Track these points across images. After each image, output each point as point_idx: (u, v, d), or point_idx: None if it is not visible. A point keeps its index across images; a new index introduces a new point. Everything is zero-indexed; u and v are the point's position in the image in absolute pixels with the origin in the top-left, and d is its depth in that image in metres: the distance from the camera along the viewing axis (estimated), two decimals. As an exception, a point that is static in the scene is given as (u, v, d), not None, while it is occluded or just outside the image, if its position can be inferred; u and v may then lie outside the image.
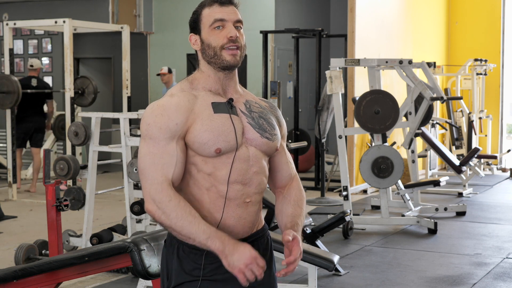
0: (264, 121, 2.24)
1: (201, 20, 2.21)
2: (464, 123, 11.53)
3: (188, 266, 2.16)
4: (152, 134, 2.12)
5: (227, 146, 2.13)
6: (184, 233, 2.07)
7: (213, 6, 2.20)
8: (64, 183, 8.50)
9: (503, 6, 12.60)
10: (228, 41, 2.18)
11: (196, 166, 2.15)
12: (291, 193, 2.33)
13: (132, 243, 3.26)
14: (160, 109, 2.14)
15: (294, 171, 2.37)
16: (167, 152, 2.11)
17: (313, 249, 4.84)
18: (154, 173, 2.10)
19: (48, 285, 3.68)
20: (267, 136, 2.22)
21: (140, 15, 11.76)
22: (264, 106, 2.30)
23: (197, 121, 2.13)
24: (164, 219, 2.08)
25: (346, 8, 9.65)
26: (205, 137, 2.12)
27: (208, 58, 2.20)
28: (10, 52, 8.90)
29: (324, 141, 9.18)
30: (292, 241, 2.14)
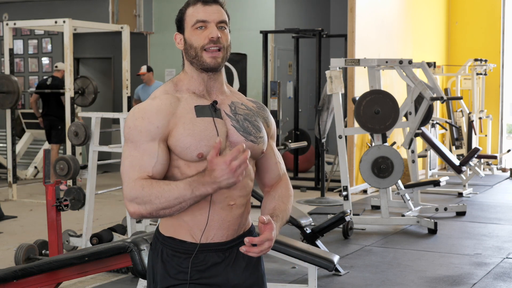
0: (249, 123, 2.19)
1: (185, 19, 2.17)
2: (464, 123, 11.53)
3: (172, 269, 2.15)
4: (133, 138, 2.09)
5: (209, 151, 2.08)
6: (173, 203, 2.02)
7: (196, 5, 2.16)
8: (64, 183, 8.50)
9: (503, 6, 12.60)
10: (209, 41, 2.13)
11: (179, 169, 2.12)
12: (277, 190, 2.29)
13: (132, 243, 3.26)
14: (140, 113, 2.11)
15: (283, 171, 2.33)
16: (147, 154, 2.08)
17: (313, 249, 4.84)
18: (130, 174, 2.07)
19: (48, 285, 3.68)
20: (251, 139, 2.18)
21: (140, 15, 11.76)
22: (251, 107, 2.25)
23: (179, 125, 2.10)
24: (150, 207, 2.03)
25: (346, 8, 9.65)
26: (187, 142, 2.08)
27: (190, 58, 2.17)
28: (10, 52, 8.90)
29: (324, 141, 9.18)
30: (265, 225, 2.07)
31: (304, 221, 5.85)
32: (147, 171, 2.07)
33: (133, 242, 3.27)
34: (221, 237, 2.15)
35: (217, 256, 2.15)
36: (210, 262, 2.15)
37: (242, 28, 10.95)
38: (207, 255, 2.15)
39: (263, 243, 2.04)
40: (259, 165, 2.29)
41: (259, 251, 2.04)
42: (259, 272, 2.25)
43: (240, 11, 11.20)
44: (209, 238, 2.14)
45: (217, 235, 2.14)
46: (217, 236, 2.15)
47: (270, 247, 2.07)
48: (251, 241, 2.03)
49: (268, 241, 2.05)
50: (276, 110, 8.62)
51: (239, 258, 2.19)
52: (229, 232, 2.16)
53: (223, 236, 2.15)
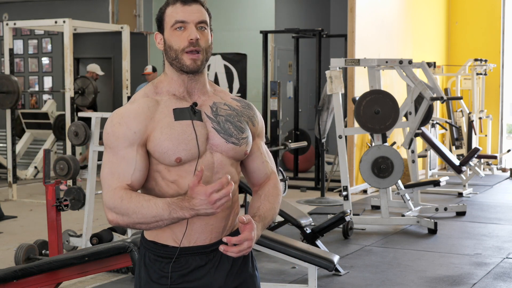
0: (231, 124, 2.15)
1: (164, 19, 2.13)
2: (464, 123, 11.53)
3: (154, 274, 2.13)
4: (111, 144, 2.08)
5: (188, 155, 2.07)
6: (150, 220, 2.01)
7: (176, 5, 2.11)
8: (64, 183, 8.50)
9: (503, 6, 12.60)
10: (188, 44, 2.08)
11: (160, 173, 2.10)
12: (264, 189, 2.26)
13: (132, 243, 3.26)
14: (118, 118, 2.09)
15: (271, 169, 2.29)
16: (125, 161, 2.06)
17: (313, 249, 4.84)
18: (110, 181, 2.06)
19: (48, 285, 3.68)
20: (233, 141, 2.14)
21: (140, 15, 11.75)
22: (235, 107, 2.21)
23: (157, 129, 2.07)
24: (127, 220, 2.03)
25: (346, 8, 9.65)
26: (164, 146, 2.06)
27: (170, 59, 2.13)
28: (10, 52, 8.90)
29: (324, 141, 9.18)
30: (245, 225, 2.04)
31: (304, 221, 5.85)
32: (126, 179, 2.06)
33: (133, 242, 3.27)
34: (204, 240, 2.13)
35: (200, 259, 2.13)
36: (193, 265, 2.13)
37: (242, 28, 10.95)
38: (189, 259, 2.12)
39: (242, 242, 2.02)
40: (246, 165, 2.27)
41: (237, 251, 2.02)
42: (246, 273, 2.22)
43: (240, 11, 11.20)
44: (192, 242, 2.12)
45: (200, 238, 2.12)
46: (200, 239, 2.12)
47: (250, 247, 2.05)
48: (229, 240, 2.01)
49: (247, 241, 2.03)
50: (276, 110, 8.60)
51: (224, 261, 2.16)
52: (212, 235, 2.13)
53: (206, 239, 2.13)
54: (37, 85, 12.19)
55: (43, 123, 10.56)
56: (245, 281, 2.21)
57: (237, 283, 2.18)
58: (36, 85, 12.21)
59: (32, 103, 12.21)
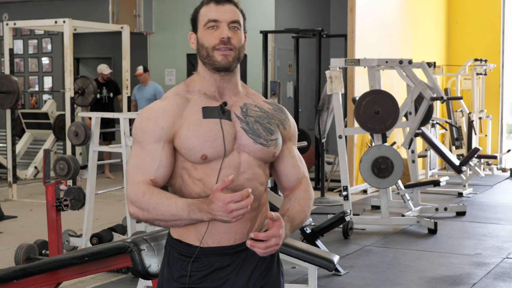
0: (260, 126, 2.15)
1: (198, 19, 2.15)
2: (464, 123, 11.53)
3: (176, 273, 2.14)
4: (139, 138, 2.10)
5: (214, 153, 2.08)
6: (168, 218, 2.02)
7: (209, 5, 2.13)
8: (64, 183, 8.50)
9: (503, 6, 12.60)
10: (219, 42, 2.10)
11: (187, 171, 2.11)
12: (295, 192, 2.25)
13: (132, 243, 3.26)
14: (147, 113, 2.11)
15: (303, 174, 2.27)
16: (150, 156, 2.08)
17: (313, 249, 4.84)
18: (134, 175, 2.08)
19: (48, 285, 3.68)
20: (261, 142, 2.14)
21: (140, 15, 11.75)
22: (266, 109, 2.21)
23: (184, 126, 2.09)
24: (147, 215, 2.04)
25: (346, 8, 9.65)
26: (191, 143, 2.07)
27: (202, 58, 2.15)
28: (10, 52, 8.90)
29: (324, 141, 9.18)
30: (274, 221, 2.02)
31: (304, 220, 5.84)
32: (150, 174, 2.08)
33: (133, 242, 3.26)
34: (228, 241, 2.12)
35: (223, 260, 2.12)
36: (215, 266, 2.12)
37: (242, 28, 10.92)
38: (212, 259, 2.12)
39: (270, 239, 2.00)
40: (277, 169, 2.26)
41: (264, 247, 2.00)
42: (270, 276, 2.20)
43: (240, 11, 11.17)
44: (216, 242, 2.11)
45: (224, 239, 2.12)
46: (224, 240, 2.12)
47: (277, 244, 2.02)
48: (256, 236, 2.00)
49: (275, 238, 2.01)
50: (276, 110, 8.61)
51: (247, 262, 2.15)
52: (236, 236, 2.13)
53: (230, 240, 2.12)
54: (37, 85, 12.19)
55: (43, 123, 10.57)
56: (268, 283, 2.19)
57: (258, 286, 2.17)
58: (36, 85, 12.21)
59: (32, 103, 12.21)
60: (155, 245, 3.27)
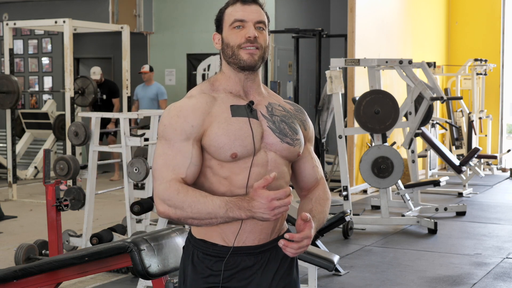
0: (286, 125, 2.17)
1: (223, 19, 2.15)
2: (464, 123, 11.53)
3: (203, 272, 2.13)
4: (167, 135, 2.09)
5: (244, 151, 2.08)
6: (204, 216, 2.01)
7: (235, 5, 2.14)
8: (64, 183, 8.50)
9: (503, 6, 12.60)
10: (245, 40, 2.11)
11: (212, 169, 2.10)
12: (314, 192, 2.27)
13: (132, 243, 3.25)
14: (176, 111, 2.10)
15: (321, 175, 2.31)
16: (181, 154, 2.07)
17: (313, 249, 4.83)
18: (164, 173, 2.06)
19: (48, 285, 3.68)
20: (287, 141, 2.15)
21: (140, 15, 11.75)
22: (288, 109, 2.23)
23: (214, 124, 2.08)
24: (180, 213, 2.03)
25: (346, 8, 9.65)
26: (221, 141, 2.07)
27: (227, 57, 2.15)
28: (10, 52, 8.90)
29: (324, 141, 9.18)
30: (306, 222, 2.06)
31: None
32: (181, 172, 2.06)
33: (133, 242, 3.26)
34: (253, 241, 2.13)
35: (248, 260, 2.13)
36: (241, 265, 2.13)
37: (242, 28, 10.92)
38: (238, 259, 2.13)
39: (302, 240, 2.04)
40: (296, 169, 2.27)
41: (297, 247, 2.03)
42: (291, 277, 2.22)
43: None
44: (241, 242, 2.12)
45: (249, 239, 2.12)
46: (249, 240, 2.12)
47: (308, 245, 2.06)
48: (292, 237, 2.02)
49: (307, 238, 2.04)
50: (276, 110, 8.62)
51: (271, 262, 2.17)
52: (261, 236, 2.14)
53: (255, 240, 2.13)
54: (37, 85, 12.19)
55: (43, 123, 10.57)
56: (289, 284, 2.22)
57: (281, 286, 2.19)
58: (36, 85, 12.21)
59: (32, 103, 12.21)
60: (155, 245, 3.27)
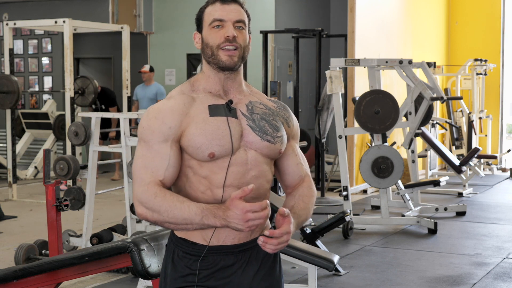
0: (266, 123, 2.17)
1: (203, 18, 2.16)
2: (464, 123, 11.53)
3: (182, 271, 2.14)
4: (146, 137, 2.10)
5: (221, 150, 2.09)
6: (180, 221, 2.03)
7: (215, 4, 2.15)
8: (64, 183, 8.50)
9: (503, 6, 12.60)
10: (224, 40, 2.11)
11: (192, 169, 2.12)
12: (298, 189, 2.26)
13: (132, 243, 3.25)
14: (154, 113, 2.11)
15: (305, 172, 2.30)
16: (159, 156, 2.08)
17: (313, 249, 4.84)
18: (143, 175, 2.08)
19: (48, 285, 3.68)
20: (268, 139, 2.15)
21: (140, 15, 11.75)
22: (271, 107, 2.23)
23: (192, 124, 2.09)
24: (156, 216, 2.05)
25: (346, 8, 9.65)
26: (198, 141, 2.08)
27: (206, 57, 2.16)
28: (10, 52, 8.90)
29: (324, 141, 9.18)
30: (284, 217, 2.06)
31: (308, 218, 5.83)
32: (159, 174, 2.08)
33: (133, 242, 3.26)
34: (232, 240, 2.13)
35: (228, 259, 2.13)
36: (220, 264, 2.13)
37: (242, 28, 10.91)
38: (217, 258, 2.13)
39: (282, 236, 2.03)
40: (280, 166, 2.27)
41: (277, 243, 2.03)
42: (273, 277, 2.22)
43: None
44: (221, 241, 2.12)
45: (229, 238, 2.13)
46: (229, 239, 2.13)
47: (287, 241, 2.06)
48: (271, 233, 2.02)
49: (287, 234, 2.04)
50: (276, 110, 8.60)
51: (252, 262, 2.17)
52: (241, 235, 2.13)
53: (235, 239, 2.13)
54: (37, 85, 12.19)
55: (43, 123, 10.56)
56: (272, 285, 2.21)
57: (263, 286, 2.18)
58: (36, 85, 12.21)
59: (32, 103, 12.21)
60: (155, 245, 3.27)
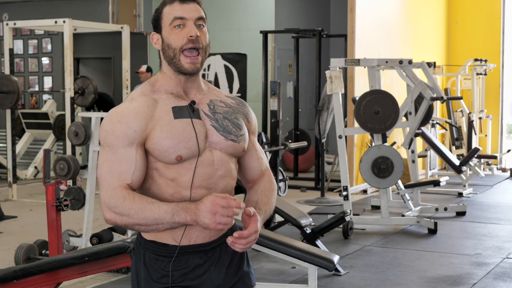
0: (229, 122, 2.17)
1: (162, 18, 2.13)
2: (464, 123, 11.53)
3: (155, 273, 2.13)
4: (110, 142, 2.07)
5: (188, 153, 2.08)
6: (150, 222, 2.01)
7: (173, 4, 2.12)
8: (64, 183, 8.50)
9: (503, 6, 12.60)
10: (188, 41, 2.09)
11: (158, 171, 2.10)
12: (260, 184, 2.27)
13: (132, 243, 3.26)
14: (118, 116, 2.08)
15: (265, 166, 2.31)
16: (125, 159, 2.06)
17: (313, 249, 4.84)
18: (109, 180, 2.05)
19: (48, 285, 3.68)
20: (232, 139, 2.15)
21: (140, 15, 11.75)
22: (230, 104, 2.23)
23: (157, 127, 2.07)
24: (126, 220, 2.03)
25: (346, 8, 9.65)
26: (165, 145, 2.06)
27: (168, 59, 2.14)
28: (10, 52, 8.90)
29: (324, 141, 9.18)
30: (251, 217, 2.07)
31: (304, 221, 5.84)
32: (126, 178, 2.05)
33: (133, 242, 3.26)
34: (203, 239, 2.13)
35: (199, 258, 2.14)
36: (193, 264, 2.13)
37: (242, 28, 10.95)
38: (189, 257, 2.13)
39: (250, 235, 2.05)
40: (241, 162, 2.27)
41: (245, 243, 2.04)
42: (242, 270, 2.23)
43: (240, 11, 11.20)
44: (192, 240, 2.12)
45: (200, 237, 2.13)
46: (200, 238, 2.13)
47: (255, 239, 2.08)
48: (240, 235, 2.03)
49: (255, 233, 2.06)
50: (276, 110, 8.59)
51: (222, 258, 2.18)
52: (211, 233, 2.14)
53: (206, 237, 2.14)
54: (37, 85, 12.19)
55: (43, 123, 10.57)
56: (242, 277, 2.23)
57: (235, 280, 2.20)
58: (36, 85, 12.21)
59: (32, 103, 12.21)
60: (155, 245, 3.26)
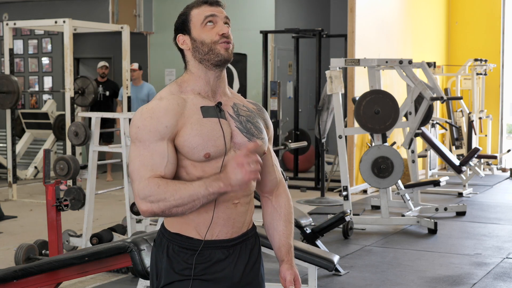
0: (252, 125, 2.24)
1: (190, 20, 2.20)
2: (464, 123, 11.53)
3: (178, 265, 2.17)
4: (142, 137, 2.11)
5: (216, 151, 2.14)
6: (186, 200, 2.06)
7: (202, 7, 2.21)
8: (64, 183, 8.50)
9: (503, 6, 12.60)
10: (220, 37, 2.18)
11: (186, 169, 2.15)
12: (281, 204, 2.36)
13: (132, 243, 3.26)
14: (149, 112, 2.13)
15: (280, 175, 2.39)
16: (157, 153, 2.10)
17: (313, 249, 4.84)
18: (143, 173, 2.09)
19: (48, 285, 3.68)
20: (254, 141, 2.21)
21: (140, 15, 11.75)
22: (251, 109, 2.30)
23: (187, 125, 2.13)
24: (163, 205, 2.06)
25: (346, 8, 9.65)
26: (194, 142, 2.12)
27: (201, 55, 2.19)
28: (10, 52, 8.90)
29: (324, 141, 9.18)
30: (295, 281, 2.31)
31: (304, 221, 5.85)
32: (160, 170, 2.10)
33: (133, 242, 3.27)
34: (225, 234, 2.20)
35: (221, 253, 2.19)
36: (215, 258, 2.19)
37: (242, 28, 10.95)
38: (212, 252, 2.18)
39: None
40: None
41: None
42: (258, 270, 2.31)
43: (240, 11, 11.19)
44: (214, 235, 2.18)
45: (222, 232, 2.19)
46: (222, 233, 2.19)
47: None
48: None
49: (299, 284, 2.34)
50: (276, 110, 8.62)
51: (242, 255, 2.24)
52: (233, 230, 2.21)
53: (228, 233, 2.20)
54: (37, 85, 12.19)
55: (43, 123, 10.57)
56: (257, 276, 2.30)
57: (251, 277, 2.27)
58: (36, 85, 12.21)
59: (32, 103, 12.21)
60: (155, 245, 3.26)
